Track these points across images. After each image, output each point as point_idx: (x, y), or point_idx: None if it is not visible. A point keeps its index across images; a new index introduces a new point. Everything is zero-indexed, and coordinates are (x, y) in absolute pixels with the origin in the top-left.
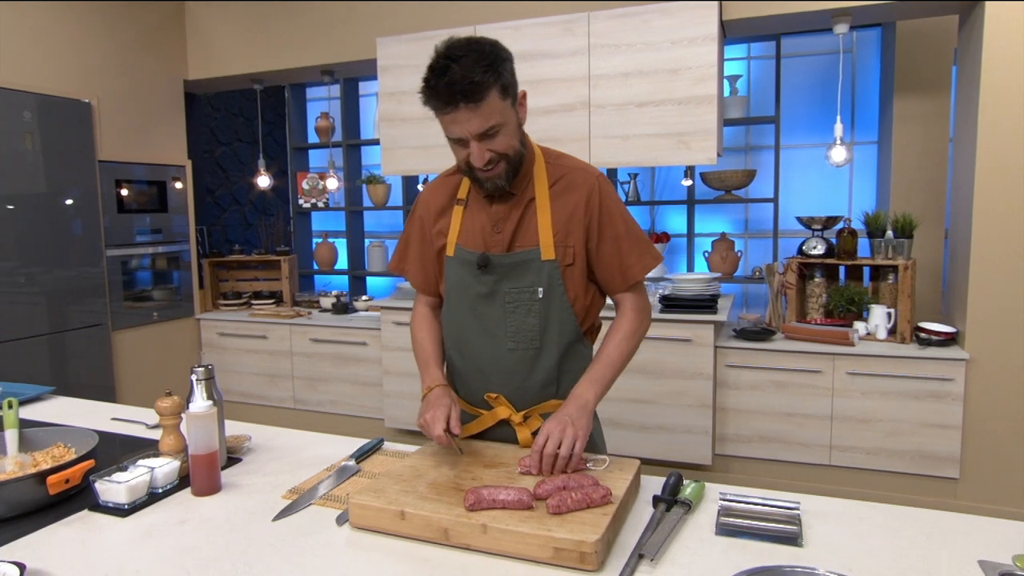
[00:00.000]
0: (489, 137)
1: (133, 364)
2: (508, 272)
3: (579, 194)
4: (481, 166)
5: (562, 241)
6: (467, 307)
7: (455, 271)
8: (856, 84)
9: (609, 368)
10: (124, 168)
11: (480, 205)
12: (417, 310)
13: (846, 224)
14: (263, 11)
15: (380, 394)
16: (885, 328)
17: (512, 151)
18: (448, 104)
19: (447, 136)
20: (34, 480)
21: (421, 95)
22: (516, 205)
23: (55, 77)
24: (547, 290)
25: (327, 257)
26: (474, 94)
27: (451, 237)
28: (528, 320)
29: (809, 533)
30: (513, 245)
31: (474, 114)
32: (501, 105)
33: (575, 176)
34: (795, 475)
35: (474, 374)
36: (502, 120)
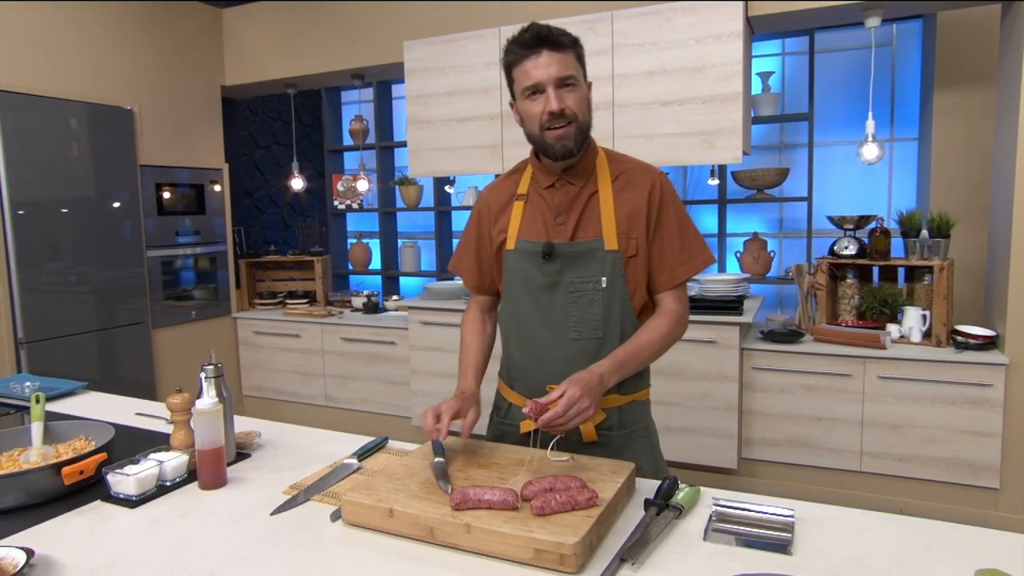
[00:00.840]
0: (565, 88)
1: (172, 361)
2: (571, 261)
3: (641, 189)
4: (557, 109)
5: (625, 232)
6: (529, 298)
7: (516, 263)
8: (896, 78)
9: (637, 358)
10: (164, 172)
11: (541, 197)
12: (469, 312)
13: (878, 224)
14: (295, 17)
15: (408, 393)
16: (920, 331)
17: (582, 116)
18: (531, 48)
19: (524, 89)
20: (51, 471)
21: (505, 52)
22: (578, 196)
23: (99, 86)
24: (610, 280)
25: (361, 257)
26: (558, 43)
27: (511, 231)
28: (591, 310)
29: (801, 541)
30: (576, 235)
31: (555, 59)
32: (577, 67)
33: (637, 172)
34: (824, 481)
35: (535, 365)
36: (577, 78)
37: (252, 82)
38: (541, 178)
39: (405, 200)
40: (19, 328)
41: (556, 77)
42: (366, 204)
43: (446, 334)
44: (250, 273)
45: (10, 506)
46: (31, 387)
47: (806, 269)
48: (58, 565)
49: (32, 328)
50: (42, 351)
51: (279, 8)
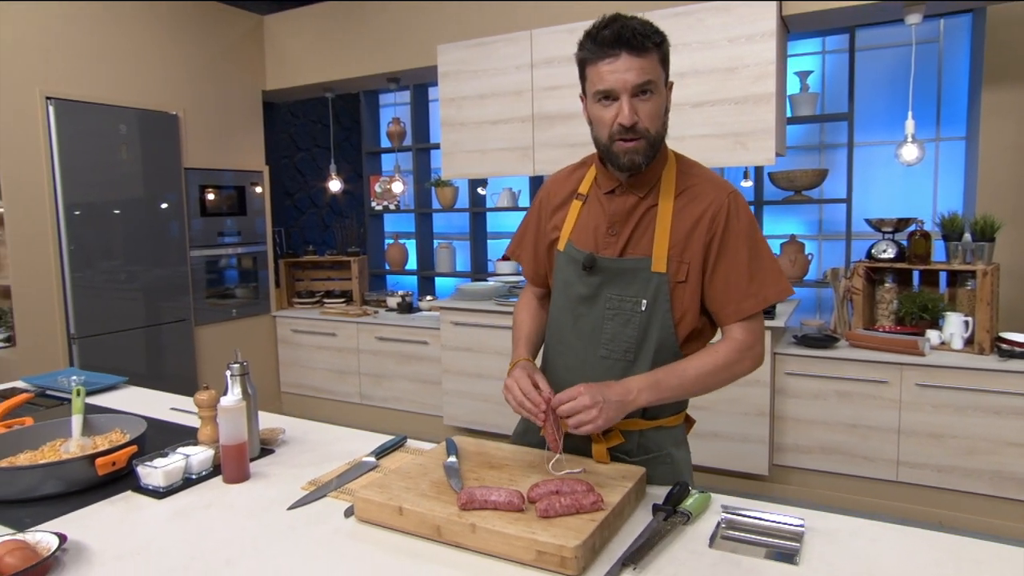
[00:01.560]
0: (641, 96)
1: (213, 357)
2: (614, 278)
3: (705, 208)
4: (628, 124)
5: (678, 255)
6: (568, 307)
7: (562, 267)
8: (943, 76)
9: (675, 382)
10: (208, 174)
11: (599, 203)
12: (524, 297)
13: (918, 227)
14: (333, 22)
15: (440, 392)
16: (962, 338)
17: (654, 129)
18: (610, 49)
19: (594, 93)
20: (86, 461)
21: (579, 46)
22: (636, 208)
23: (147, 92)
24: (651, 304)
25: (398, 258)
26: (639, 45)
27: (564, 232)
28: (626, 331)
29: (810, 552)
30: (626, 251)
31: (634, 64)
32: (659, 72)
33: (704, 188)
34: (859, 490)
35: (561, 371)
36: (657, 84)
37: (292, 86)
38: (603, 181)
39: (441, 201)
40: (71, 324)
41: (633, 85)
42: (403, 205)
43: (477, 335)
44: (289, 273)
45: (49, 493)
46: (76, 381)
47: (842, 273)
48: (88, 551)
49: (83, 324)
50: (93, 346)
51: (317, 14)
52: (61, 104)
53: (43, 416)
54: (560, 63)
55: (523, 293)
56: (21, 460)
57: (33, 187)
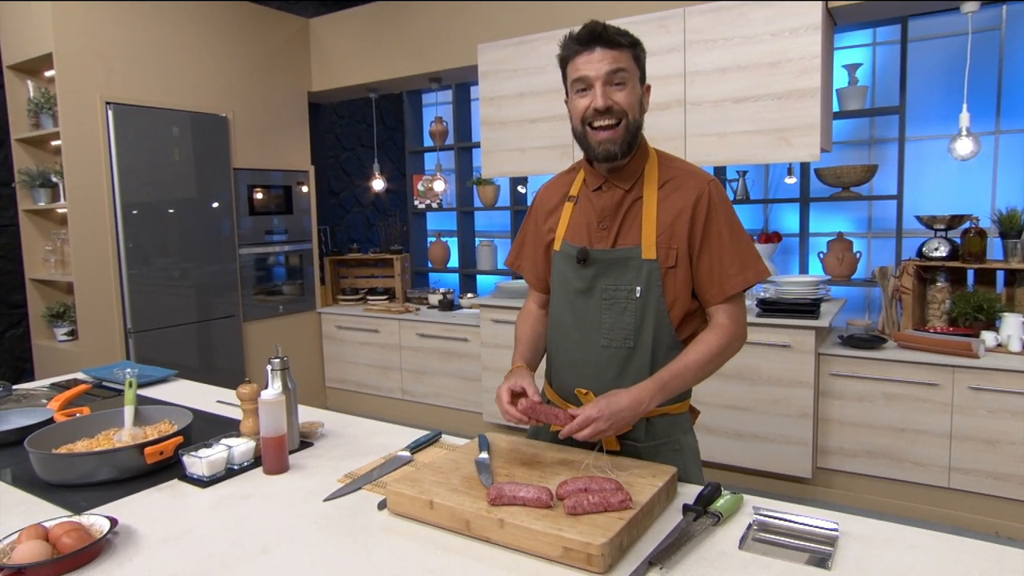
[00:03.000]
0: (615, 86)
1: (260, 352)
2: (607, 268)
3: (688, 197)
4: (602, 106)
5: (666, 242)
6: (566, 302)
7: (559, 265)
8: (1004, 65)
9: (681, 380)
10: (256, 174)
11: (589, 201)
12: (525, 307)
13: (973, 224)
14: (376, 24)
15: (479, 389)
16: (1020, 340)
17: (631, 114)
18: (585, 45)
19: (572, 82)
20: (136, 450)
21: (560, 47)
22: (623, 201)
23: (198, 95)
24: (645, 290)
25: (440, 255)
26: (612, 41)
27: (559, 232)
28: (623, 319)
29: (843, 556)
30: (616, 242)
31: (607, 56)
32: (632, 66)
33: (686, 179)
34: (907, 495)
35: (567, 367)
36: (629, 73)
37: (337, 87)
38: (591, 179)
39: (482, 199)
40: (128, 319)
41: (605, 72)
42: (445, 203)
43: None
44: (334, 270)
45: (102, 480)
46: (130, 374)
47: (891, 272)
48: (137, 534)
49: (139, 319)
50: (148, 340)
51: (361, 16)
52: (119, 108)
53: (99, 407)
54: None
55: (525, 304)
56: (79, 447)
57: (94, 188)
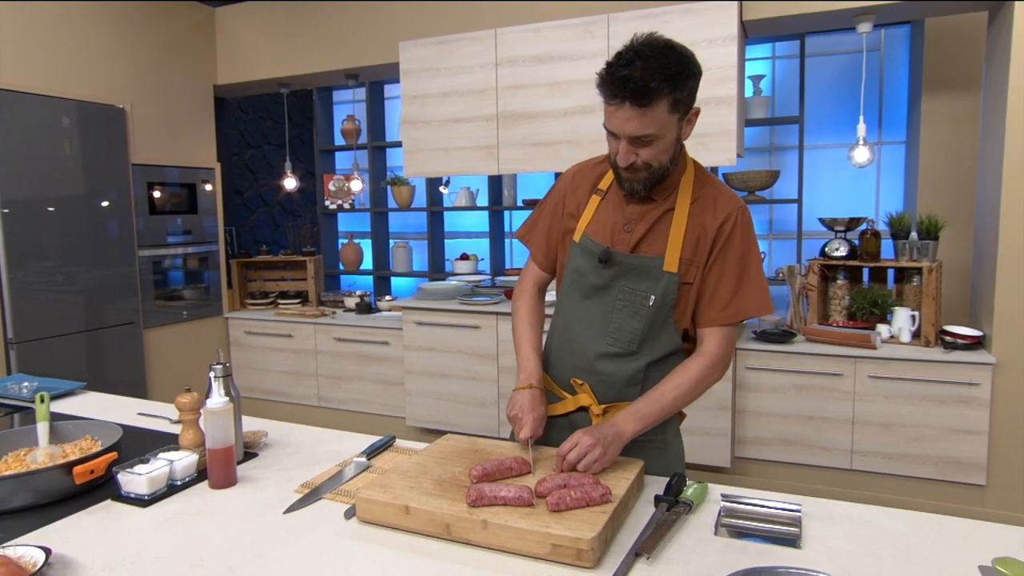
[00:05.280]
0: (641, 144)
1: (163, 361)
2: (627, 272)
3: (716, 218)
4: (624, 166)
5: (688, 258)
6: (579, 295)
7: (577, 257)
8: (884, 82)
9: (658, 409)
10: (156, 171)
11: (618, 201)
12: (523, 283)
13: (869, 226)
14: (289, 17)
15: (402, 392)
16: (909, 331)
17: (658, 164)
18: (615, 96)
19: (604, 125)
20: (62, 470)
21: (597, 76)
22: (653, 210)
23: (91, 84)
24: (659, 300)
25: (352, 257)
26: (643, 97)
27: (581, 223)
28: (633, 322)
29: (809, 535)
30: (639, 248)
31: (636, 116)
32: (666, 118)
33: (718, 199)
34: (815, 479)
35: (566, 356)
36: (660, 133)
37: (245, 81)
38: (618, 181)
39: (397, 200)
40: (8, 328)
41: (631, 135)
42: (357, 204)
43: (441, 334)
44: (241, 273)
45: (20, 506)
46: (29, 387)
47: (798, 270)
48: (76, 563)
49: (21, 328)
50: (32, 351)
51: (272, 7)
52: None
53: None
54: (525, 62)
55: (524, 282)
56: None
57: None
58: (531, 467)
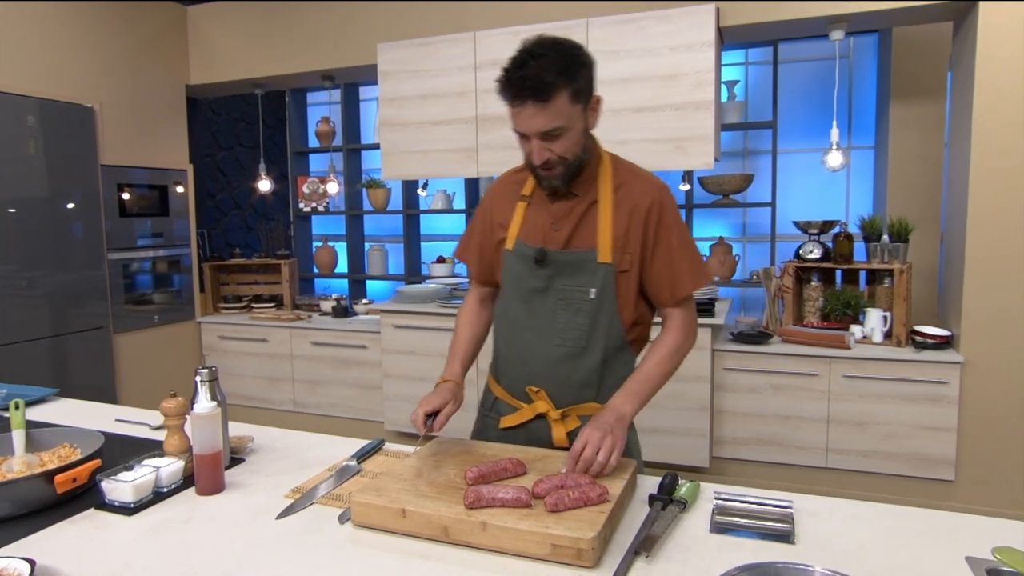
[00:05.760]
0: (551, 138)
1: (134, 367)
2: (563, 269)
3: (642, 203)
4: (539, 164)
5: (621, 247)
6: (521, 300)
7: (512, 265)
8: (853, 89)
9: (648, 384)
10: (126, 172)
11: (543, 203)
12: (467, 301)
13: (842, 228)
14: (265, 17)
15: (380, 396)
16: (881, 331)
17: (572, 156)
18: (516, 98)
19: (513, 129)
20: (42, 479)
21: (497, 83)
22: (577, 205)
23: (58, 82)
24: (599, 292)
25: (327, 261)
26: (542, 93)
27: (512, 231)
28: (577, 319)
29: (801, 531)
30: (570, 243)
31: (540, 113)
32: (569, 109)
33: (638, 184)
34: (791, 478)
35: (519, 365)
36: (567, 124)
37: (219, 82)
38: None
39: (373, 203)
40: None
41: (539, 132)
42: (332, 207)
43: (420, 337)
44: (214, 276)
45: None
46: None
47: (773, 272)
48: (61, 575)
49: None
50: None
51: (247, 7)
52: None
53: None
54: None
55: (467, 298)
56: None
57: None
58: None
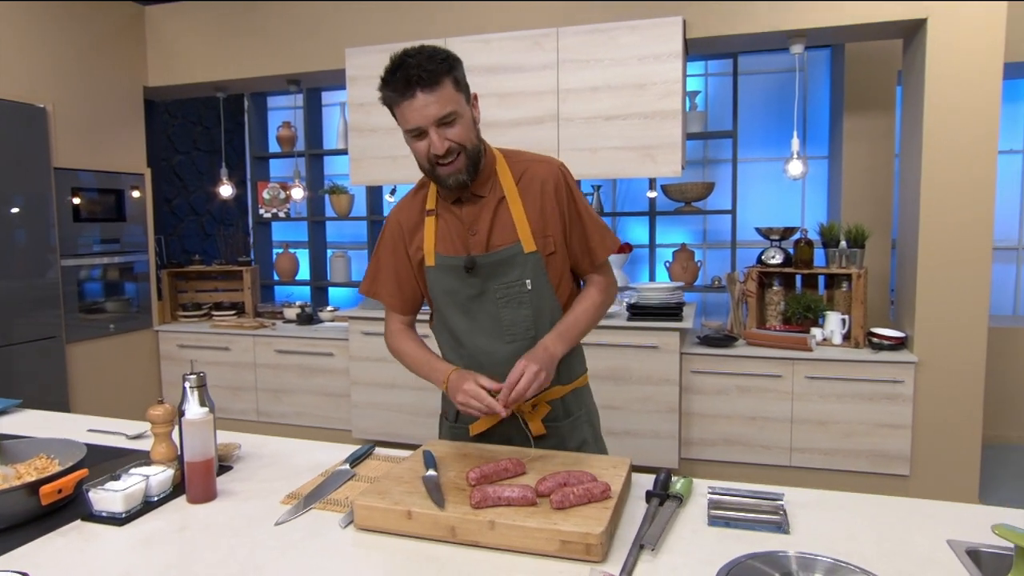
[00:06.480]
0: (446, 125)
1: (88, 377)
2: (494, 270)
3: (547, 186)
4: (442, 152)
5: (541, 232)
6: (459, 310)
7: (440, 279)
8: (807, 101)
9: (575, 328)
10: (80, 176)
11: (450, 212)
12: (391, 328)
13: (802, 235)
14: (227, 19)
15: (348, 405)
16: (840, 334)
17: (469, 144)
18: (406, 90)
19: (406, 130)
20: (26, 491)
21: (380, 92)
22: (486, 206)
23: (6, 80)
24: (534, 281)
25: (288, 268)
26: (429, 80)
27: (428, 247)
28: (520, 312)
29: (794, 521)
30: (491, 244)
31: (431, 99)
32: (456, 96)
33: (538, 169)
34: (758, 477)
35: (475, 370)
36: (458, 110)
37: (179, 84)
38: (446, 194)
39: (336, 209)
40: None
41: (435, 118)
42: (293, 213)
43: None
44: (172, 284)
45: None
46: None
47: (737, 277)
48: None
49: None
50: None
51: (208, 8)
52: None
53: None
54: (475, 73)
55: (389, 326)
56: None
57: None
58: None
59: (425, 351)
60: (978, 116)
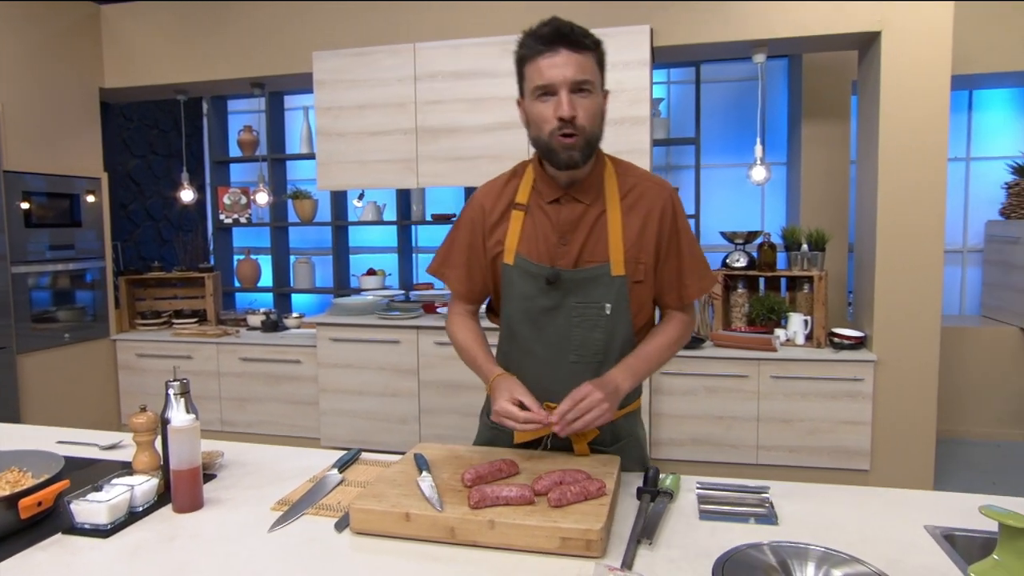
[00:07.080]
0: (579, 93)
1: (41, 389)
2: (576, 287)
3: (653, 210)
4: (568, 115)
5: (634, 257)
6: (527, 318)
7: (516, 282)
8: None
9: (647, 364)
10: (31, 179)
11: (543, 212)
12: (455, 315)
13: (765, 239)
14: (188, 20)
15: (316, 412)
16: (803, 334)
17: (591, 128)
18: (552, 43)
19: (535, 87)
20: (3, 505)
21: (519, 44)
22: (585, 215)
23: None
24: (615, 306)
25: (250, 274)
26: (578, 43)
27: (510, 243)
28: (593, 335)
29: (781, 513)
30: (581, 259)
31: (572, 61)
32: (596, 72)
33: (648, 189)
34: (725, 475)
35: (532, 382)
36: (595, 84)
37: (136, 86)
38: (545, 190)
39: (299, 215)
40: None
41: (571, 80)
42: (255, 218)
43: (359, 350)
44: (130, 292)
45: None
46: None
47: None
48: None
49: None
50: None
51: (168, 8)
52: None
53: None
54: (445, 78)
55: (453, 312)
56: None
57: None
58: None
59: (478, 346)
60: (929, 125)
